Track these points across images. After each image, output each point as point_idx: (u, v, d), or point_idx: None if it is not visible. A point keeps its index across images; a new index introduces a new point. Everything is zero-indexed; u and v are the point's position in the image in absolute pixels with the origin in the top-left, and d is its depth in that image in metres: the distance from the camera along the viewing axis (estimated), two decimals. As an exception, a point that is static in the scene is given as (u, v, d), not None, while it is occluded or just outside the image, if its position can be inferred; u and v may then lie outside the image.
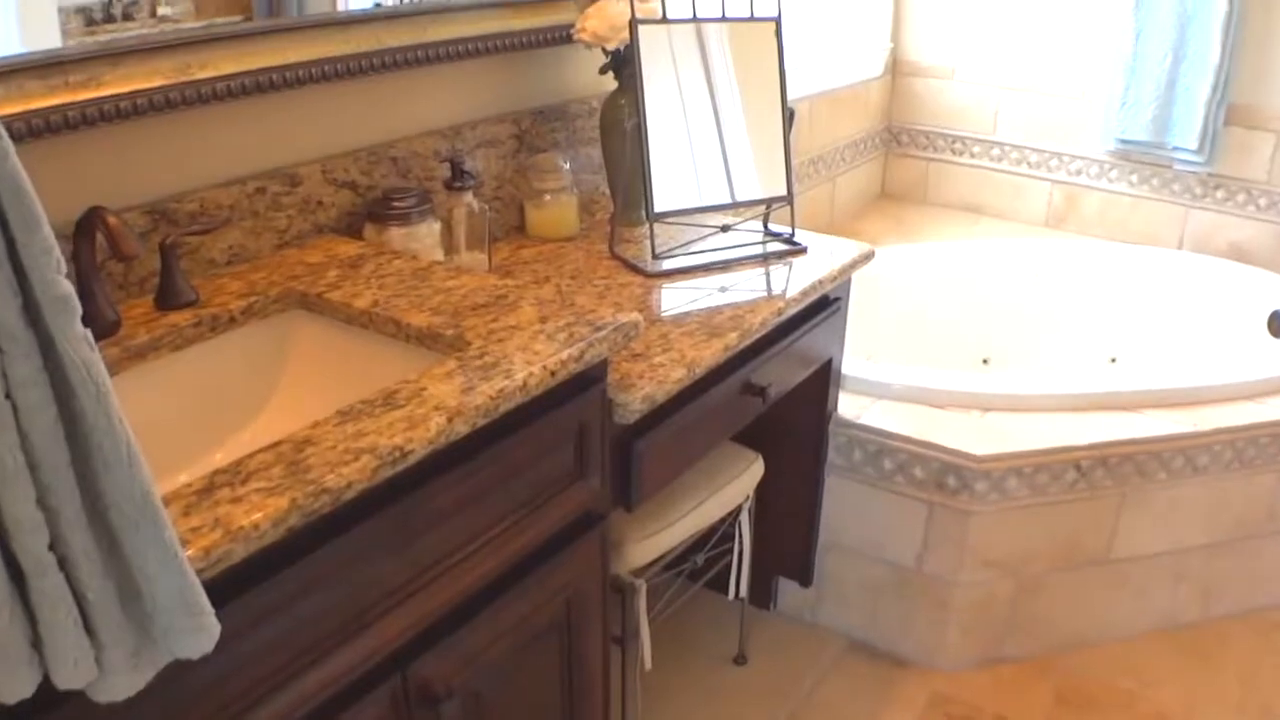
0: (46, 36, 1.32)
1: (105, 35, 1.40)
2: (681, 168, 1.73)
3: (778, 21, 1.80)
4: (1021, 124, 3.40)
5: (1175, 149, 3.13)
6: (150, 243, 1.42)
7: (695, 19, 1.74)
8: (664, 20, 1.72)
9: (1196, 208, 3.21)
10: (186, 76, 1.44)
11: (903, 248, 3.15)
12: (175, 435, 1.30)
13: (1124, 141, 3.21)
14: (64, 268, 0.76)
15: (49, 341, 0.76)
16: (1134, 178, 3.28)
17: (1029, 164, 3.42)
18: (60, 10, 1.33)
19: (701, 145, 1.76)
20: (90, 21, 1.39)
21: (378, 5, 1.69)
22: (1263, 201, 3.11)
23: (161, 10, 1.46)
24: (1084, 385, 2.31)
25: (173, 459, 1.27)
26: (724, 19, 1.76)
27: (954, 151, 3.53)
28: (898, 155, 3.64)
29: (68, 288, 0.75)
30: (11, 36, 1.30)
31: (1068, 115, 3.32)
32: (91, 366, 0.77)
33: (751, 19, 1.78)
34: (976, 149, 3.49)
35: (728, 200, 1.79)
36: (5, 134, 0.71)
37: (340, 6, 1.69)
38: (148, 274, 1.41)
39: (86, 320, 0.78)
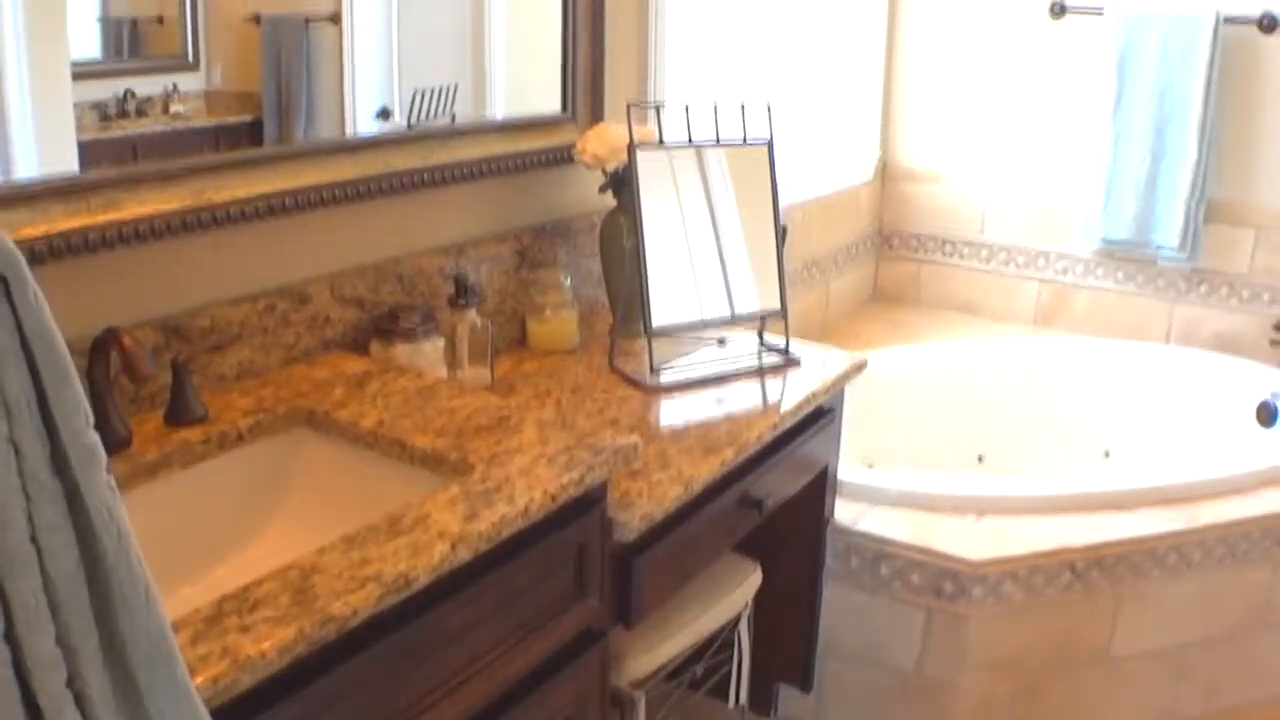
0: (63, 159, 1.38)
1: (119, 131, 1.47)
2: (679, 283, 1.79)
3: (769, 145, 1.87)
4: (1009, 225, 3.49)
5: (1159, 246, 3.20)
6: (162, 358, 1.46)
7: (691, 144, 1.81)
8: (661, 145, 1.79)
9: (1182, 302, 3.27)
10: (202, 200, 1.50)
11: (896, 350, 3.20)
12: (180, 549, 1.32)
13: (1108, 241, 3.28)
14: (91, 418, 0.80)
15: (74, 488, 0.79)
16: (1120, 275, 3.35)
17: (1017, 264, 3.50)
18: (76, 106, 1.40)
19: (698, 261, 1.82)
20: (104, 117, 1.46)
21: (383, 110, 1.76)
22: (1245, 294, 3.18)
23: (174, 108, 1.54)
24: (1077, 485, 2.34)
25: (176, 572, 1.29)
26: (718, 144, 1.82)
27: (944, 253, 3.61)
28: (889, 258, 3.71)
29: (95, 438, 0.79)
30: (30, 156, 1.36)
31: (1053, 216, 3.41)
32: (114, 510, 0.80)
33: (745, 143, 1.85)
34: (966, 250, 3.57)
35: (724, 314, 1.84)
36: (44, 301, 0.76)
37: (347, 120, 1.77)
38: (159, 388, 1.45)
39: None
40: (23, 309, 0.75)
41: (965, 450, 3.19)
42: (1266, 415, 2.93)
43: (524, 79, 2.11)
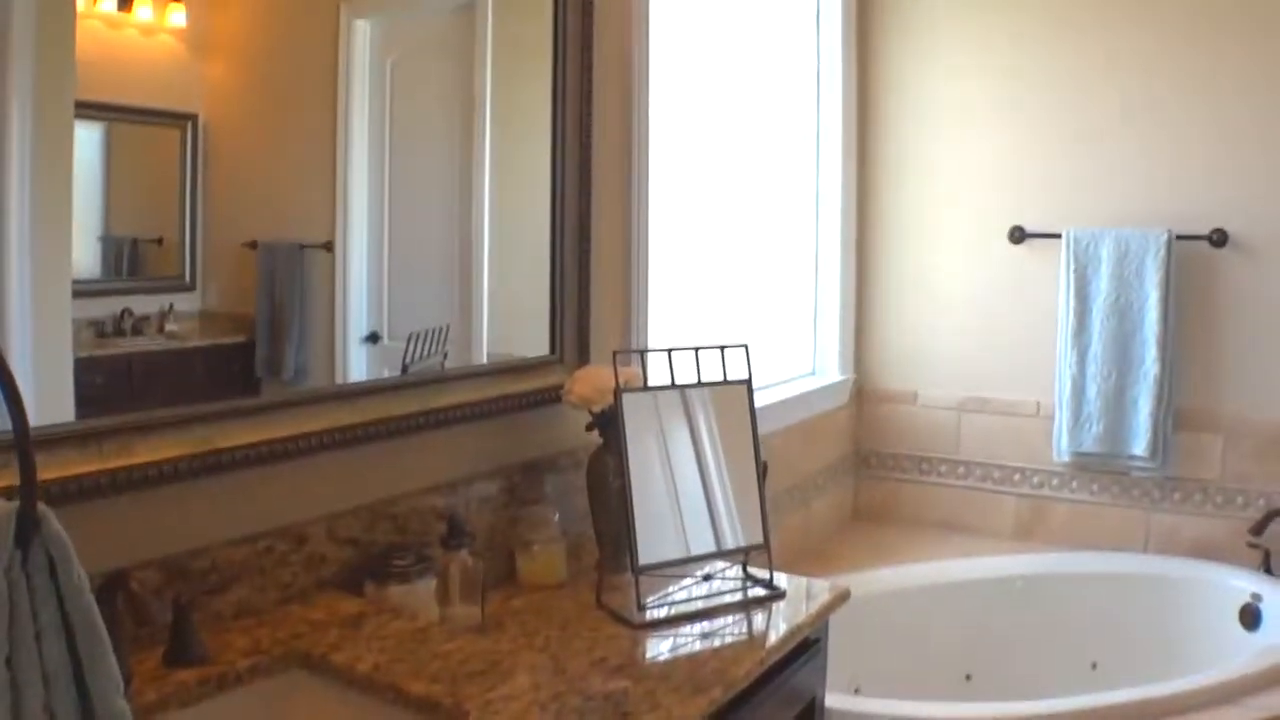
0: (61, 408, 1.42)
1: (115, 349, 1.52)
2: (664, 520, 1.85)
3: (748, 384, 1.98)
4: (982, 442, 3.59)
5: (1130, 457, 3.30)
6: (163, 598, 1.48)
7: (674, 385, 1.91)
8: (645, 388, 1.90)
9: (1158, 510, 3.35)
10: (208, 446, 1.56)
11: (880, 570, 3.24)
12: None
13: (1080, 454, 3.38)
14: (122, 686, 0.85)
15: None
16: (1095, 486, 3.44)
17: (993, 479, 3.58)
18: (74, 322, 1.44)
19: (683, 498, 1.89)
20: (101, 334, 1.51)
21: (371, 335, 1.85)
22: (1219, 499, 3.26)
23: (169, 327, 1.60)
24: (1063, 704, 2.34)
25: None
26: (700, 384, 1.93)
27: (921, 471, 3.70)
28: (868, 477, 3.80)
29: (124, 707, 0.84)
30: (25, 372, 1.36)
31: (1025, 432, 3.52)
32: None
33: (725, 383, 1.95)
34: (943, 468, 3.66)
35: (709, 550, 1.90)
36: (86, 581, 0.82)
37: (337, 345, 1.85)
38: (160, 625, 1.46)
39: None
40: (66, 588, 0.82)
41: (953, 669, 3.19)
42: (1250, 618, 2.97)
43: (512, 320, 2.21)
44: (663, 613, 1.83)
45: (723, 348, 1.95)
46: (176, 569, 1.53)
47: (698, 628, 1.80)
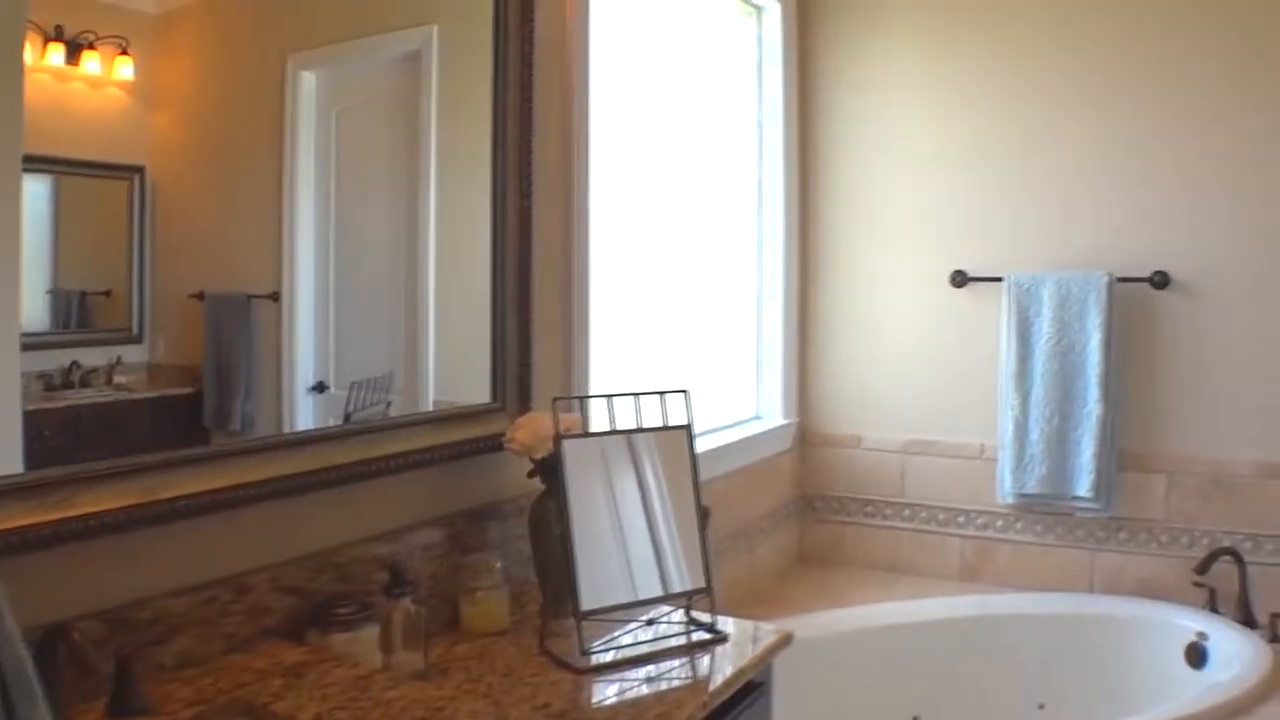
0: (9, 461, 1.42)
1: (63, 401, 1.52)
2: (607, 565, 1.86)
3: (688, 429, 2.00)
4: (927, 485, 3.63)
5: (1074, 498, 3.34)
6: (105, 650, 1.47)
7: (614, 431, 1.93)
8: (585, 434, 1.92)
9: (1102, 550, 3.39)
10: (150, 497, 1.55)
11: (826, 613, 3.25)
12: None
13: (1025, 496, 3.42)
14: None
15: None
16: (1039, 527, 3.48)
17: (938, 521, 3.62)
18: (23, 375, 1.44)
19: (626, 543, 1.90)
20: (50, 387, 1.51)
21: (318, 385, 1.85)
22: (1164, 538, 3.30)
23: (117, 379, 1.60)
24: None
25: None
26: (640, 430, 1.95)
27: (866, 514, 3.73)
28: (813, 520, 3.83)
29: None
30: None
31: (970, 474, 3.56)
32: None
33: (665, 428, 1.97)
34: (888, 511, 3.70)
35: (652, 594, 1.91)
36: (16, 630, 0.83)
37: (284, 395, 1.86)
38: (103, 676, 1.45)
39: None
40: (-6, 638, 0.82)
41: (901, 711, 3.21)
42: (1196, 657, 3.01)
43: (458, 368, 2.23)
44: (606, 658, 1.83)
45: (663, 393, 1.98)
46: (119, 620, 1.52)
47: (641, 672, 1.81)
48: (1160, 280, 3.27)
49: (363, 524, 1.93)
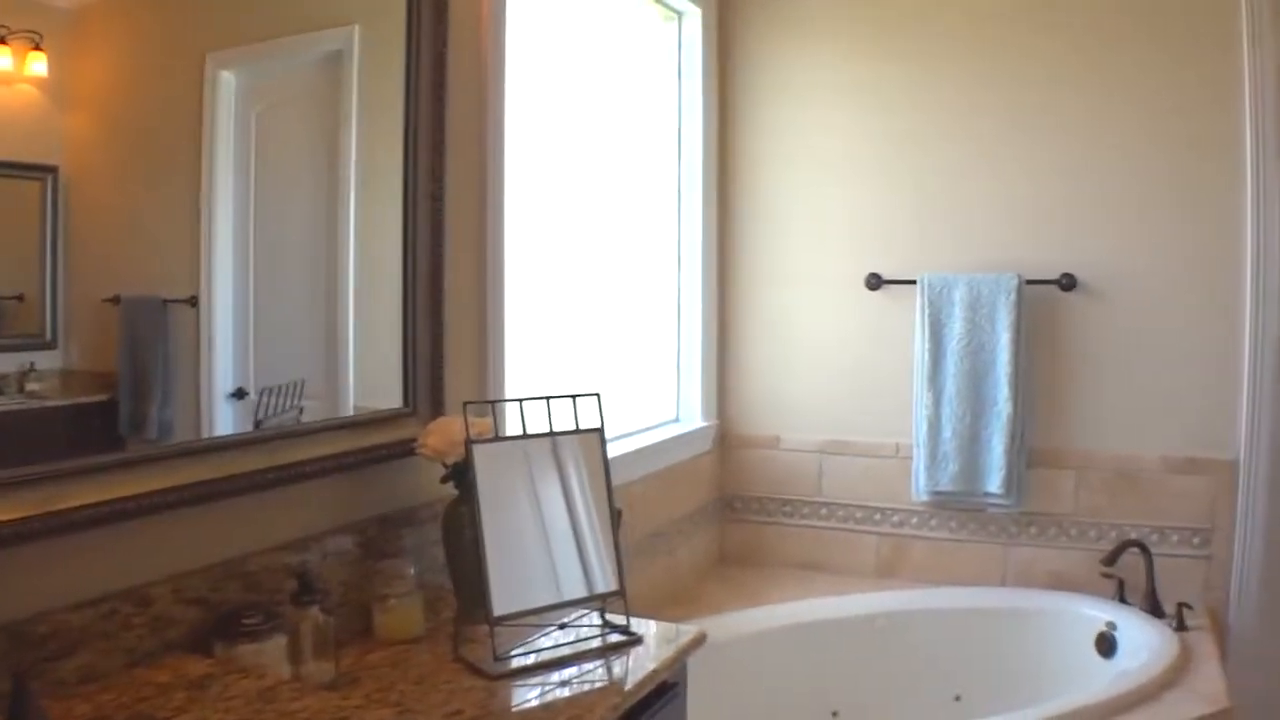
0: None
1: None
2: (521, 570, 1.86)
3: (600, 432, 2.00)
4: (844, 484, 3.68)
5: (986, 495, 3.41)
6: (2, 666, 1.43)
7: (525, 435, 1.93)
8: (496, 439, 1.91)
9: (1014, 545, 3.47)
10: (48, 507, 1.51)
11: (746, 614, 3.28)
12: None
13: (938, 493, 3.48)
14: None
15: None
16: (953, 524, 3.54)
17: (855, 520, 3.67)
18: None
19: (539, 547, 1.89)
20: None
21: (238, 391, 1.82)
22: (1073, 532, 3.39)
23: (30, 386, 1.55)
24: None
25: None
26: (551, 433, 1.95)
27: (785, 514, 3.77)
28: (733, 521, 3.86)
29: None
30: None
31: (885, 473, 3.61)
32: None
33: (578, 431, 1.97)
34: (806, 510, 3.74)
35: (566, 597, 1.91)
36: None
37: (202, 401, 1.82)
38: None
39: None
40: None
41: (820, 707, 3.24)
42: (1106, 646, 3.09)
43: (378, 372, 2.20)
44: (520, 662, 1.83)
45: (574, 397, 1.98)
46: (16, 635, 1.48)
47: (555, 676, 1.81)
48: (1068, 282, 3.35)
49: (271, 532, 1.90)
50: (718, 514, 3.84)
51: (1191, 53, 3.20)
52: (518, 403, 1.96)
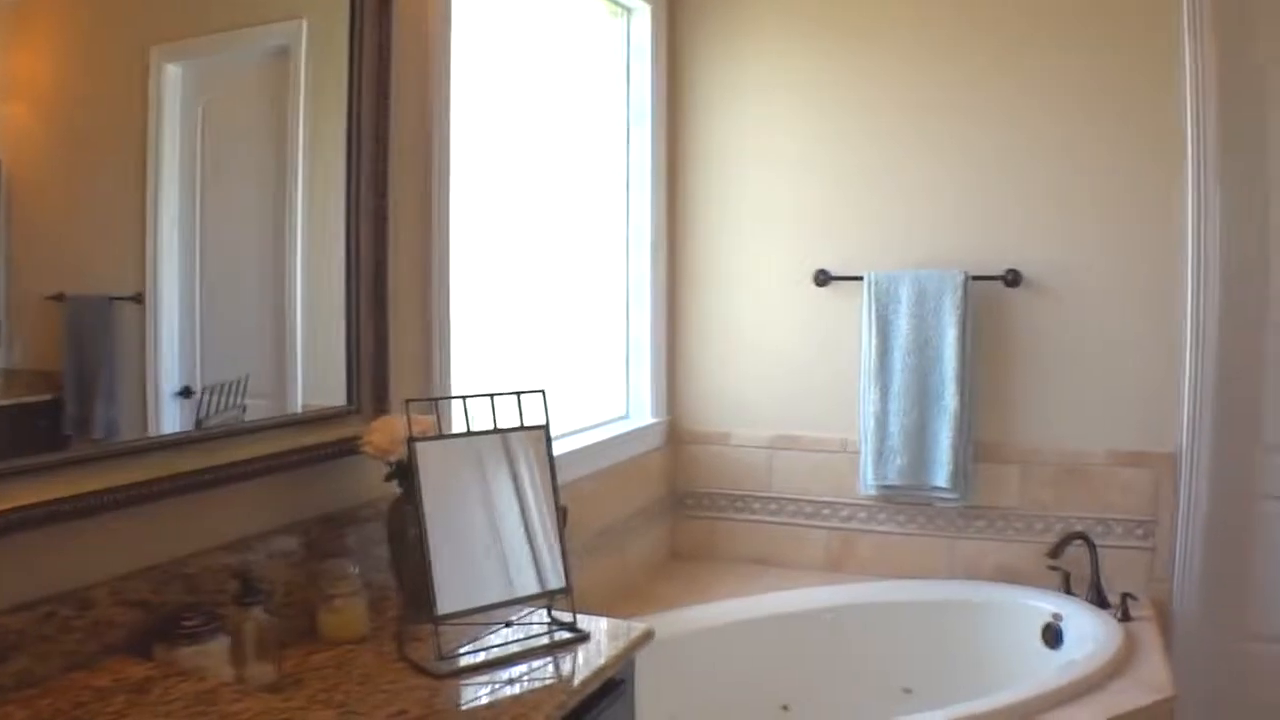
0: None
1: None
2: (466, 568, 1.85)
3: (545, 429, 2.00)
4: (793, 479, 3.70)
5: (933, 489, 3.44)
6: None
7: (469, 433, 1.92)
8: (439, 436, 1.90)
9: (961, 538, 3.50)
10: (-20, 509, 1.48)
11: (696, 609, 3.29)
12: None
13: (885, 487, 3.51)
14: None
15: None
16: (901, 518, 3.57)
17: (804, 514, 3.69)
18: None
19: (484, 545, 1.89)
20: None
21: (184, 389, 1.80)
22: (1019, 525, 3.43)
23: None
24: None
25: None
26: (496, 431, 1.94)
27: (735, 509, 3.79)
28: (684, 517, 3.87)
29: None
30: None
31: (833, 467, 3.64)
32: None
33: (521, 428, 1.97)
34: (756, 505, 3.76)
35: (510, 596, 1.91)
36: None
37: (149, 399, 1.80)
38: None
39: None
40: None
41: (770, 700, 3.26)
42: (1052, 637, 3.13)
43: (325, 370, 2.18)
44: (465, 661, 1.82)
45: (519, 394, 1.97)
46: (-50, 641, 1.46)
47: (502, 674, 1.80)
48: (1012, 279, 3.39)
49: (213, 532, 1.88)
50: (669, 510, 3.84)
51: (1134, 50, 3.25)
52: (461, 400, 1.95)
